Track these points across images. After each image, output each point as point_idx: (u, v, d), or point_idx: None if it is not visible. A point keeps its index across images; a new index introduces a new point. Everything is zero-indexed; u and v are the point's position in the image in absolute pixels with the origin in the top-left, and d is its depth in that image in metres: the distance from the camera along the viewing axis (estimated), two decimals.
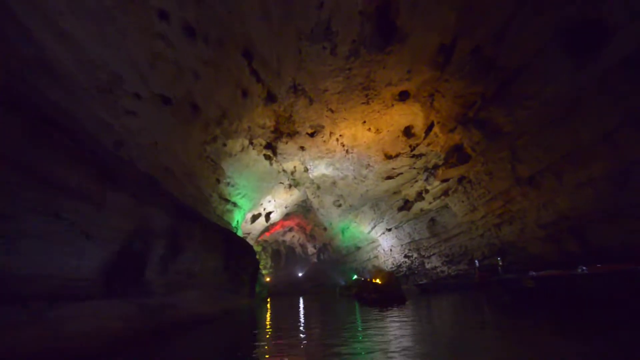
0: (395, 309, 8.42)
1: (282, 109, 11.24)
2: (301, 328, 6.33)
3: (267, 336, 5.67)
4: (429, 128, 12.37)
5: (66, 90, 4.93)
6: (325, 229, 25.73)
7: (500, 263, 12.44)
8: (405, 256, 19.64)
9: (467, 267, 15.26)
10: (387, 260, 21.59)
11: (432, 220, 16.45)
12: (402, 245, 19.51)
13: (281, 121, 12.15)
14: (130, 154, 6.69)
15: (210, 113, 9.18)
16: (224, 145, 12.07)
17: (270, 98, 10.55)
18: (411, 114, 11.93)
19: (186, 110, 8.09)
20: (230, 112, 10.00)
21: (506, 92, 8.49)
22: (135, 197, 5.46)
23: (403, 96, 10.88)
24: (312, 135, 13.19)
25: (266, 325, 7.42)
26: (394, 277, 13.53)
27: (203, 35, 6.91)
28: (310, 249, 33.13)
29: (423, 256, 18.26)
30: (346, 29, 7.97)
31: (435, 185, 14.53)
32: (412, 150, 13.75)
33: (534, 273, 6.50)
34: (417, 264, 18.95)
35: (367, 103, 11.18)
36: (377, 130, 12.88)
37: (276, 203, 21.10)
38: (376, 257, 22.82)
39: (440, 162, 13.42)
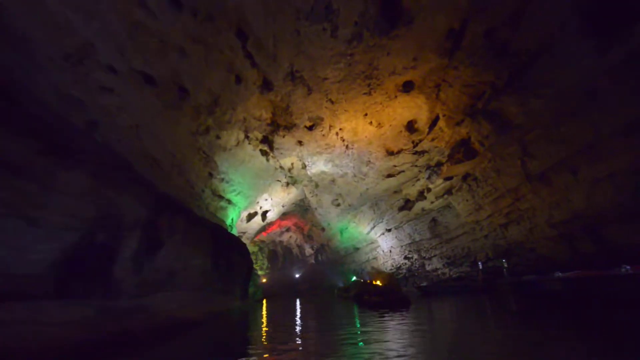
0: (400, 313, 7.71)
1: (279, 98, 10.58)
2: (298, 333, 5.65)
3: (262, 340, 4.95)
4: (434, 122, 11.77)
5: (23, 55, 4.24)
6: (323, 229, 25.07)
7: (506, 265, 11.97)
8: (405, 257, 19.00)
9: (469, 269, 14.70)
10: (386, 261, 20.94)
11: (434, 220, 15.86)
12: (402, 246, 18.88)
13: (278, 112, 11.49)
14: (107, 137, 5.98)
15: (200, 98, 8.48)
16: (218, 137, 11.39)
17: (267, 86, 9.88)
18: (415, 107, 11.33)
19: (173, 92, 7.39)
20: (222, 99, 9.32)
21: (520, 80, 7.90)
22: (97, 178, 4.68)
23: (407, 87, 10.27)
24: (310, 128, 12.54)
25: (257, 331, 6.70)
26: (395, 279, 12.90)
27: (191, 8, 6.24)
28: (308, 250, 32.45)
29: (423, 257, 17.63)
30: (348, 8, 7.35)
31: (438, 184, 13.95)
32: (414, 147, 13.14)
33: (560, 274, 5.80)
34: (417, 265, 18.31)
35: (369, 94, 10.56)
36: (379, 124, 12.26)
37: (273, 202, 20.42)
38: (375, 258, 22.17)
39: (444, 160, 12.82)
